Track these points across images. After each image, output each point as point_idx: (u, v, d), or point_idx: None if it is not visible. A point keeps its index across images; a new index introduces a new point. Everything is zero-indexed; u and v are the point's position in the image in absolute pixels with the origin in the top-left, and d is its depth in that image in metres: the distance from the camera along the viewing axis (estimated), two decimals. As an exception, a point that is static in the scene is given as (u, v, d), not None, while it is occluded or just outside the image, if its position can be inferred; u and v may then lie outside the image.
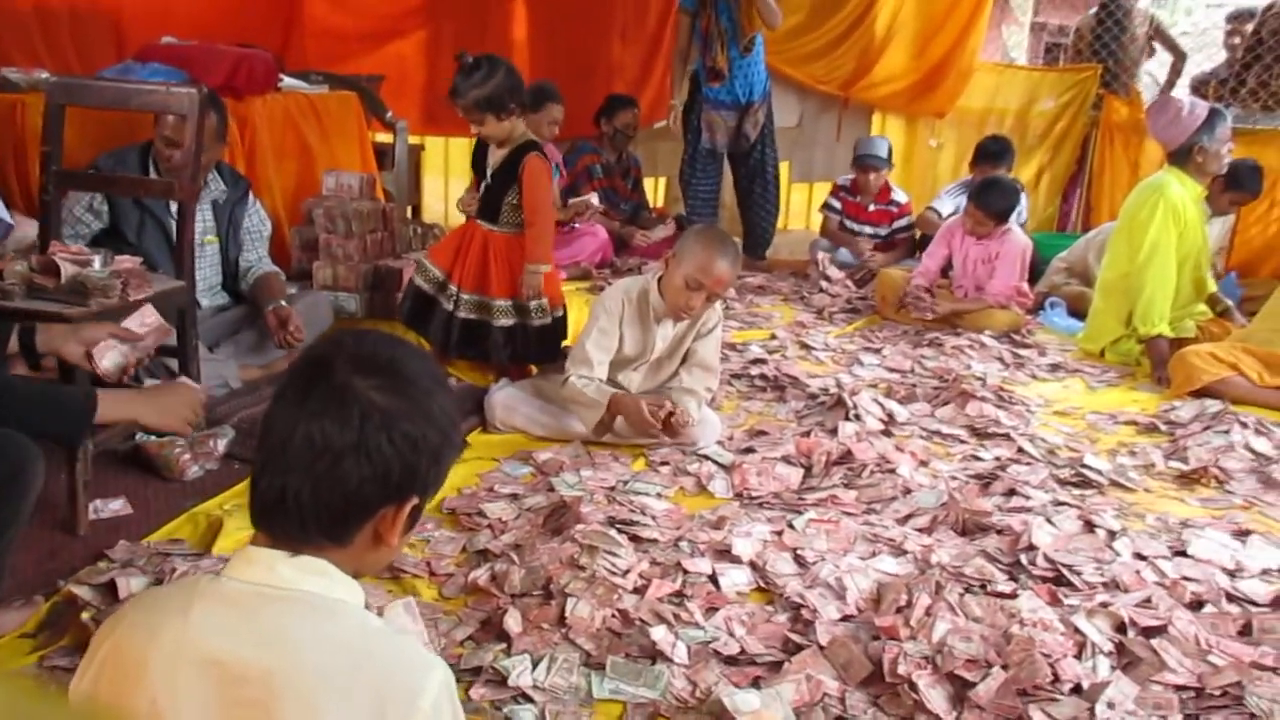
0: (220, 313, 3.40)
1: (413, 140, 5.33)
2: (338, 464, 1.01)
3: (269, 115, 4.00)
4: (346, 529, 1.05)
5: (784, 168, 6.02)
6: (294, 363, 1.13)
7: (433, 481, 1.10)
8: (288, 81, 4.27)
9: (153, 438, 2.58)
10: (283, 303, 3.30)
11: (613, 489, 2.65)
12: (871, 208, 5.57)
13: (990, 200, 4.51)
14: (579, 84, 5.41)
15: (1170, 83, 6.45)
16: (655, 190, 6.55)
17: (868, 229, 5.57)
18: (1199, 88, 5.99)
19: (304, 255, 3.93)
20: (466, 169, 6.18)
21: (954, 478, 2.84)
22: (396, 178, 4.74)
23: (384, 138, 4.89)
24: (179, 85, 2.98)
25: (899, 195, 5.59)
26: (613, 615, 2.02)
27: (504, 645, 1.93)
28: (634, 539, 2.32)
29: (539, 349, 3.30)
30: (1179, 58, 6.47)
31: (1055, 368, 4.10)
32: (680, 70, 5.47)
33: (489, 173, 3.21)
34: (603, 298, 3.12)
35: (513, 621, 1.97)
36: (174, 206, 2.99)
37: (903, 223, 5.58)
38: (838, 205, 5.66)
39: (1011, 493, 2.73)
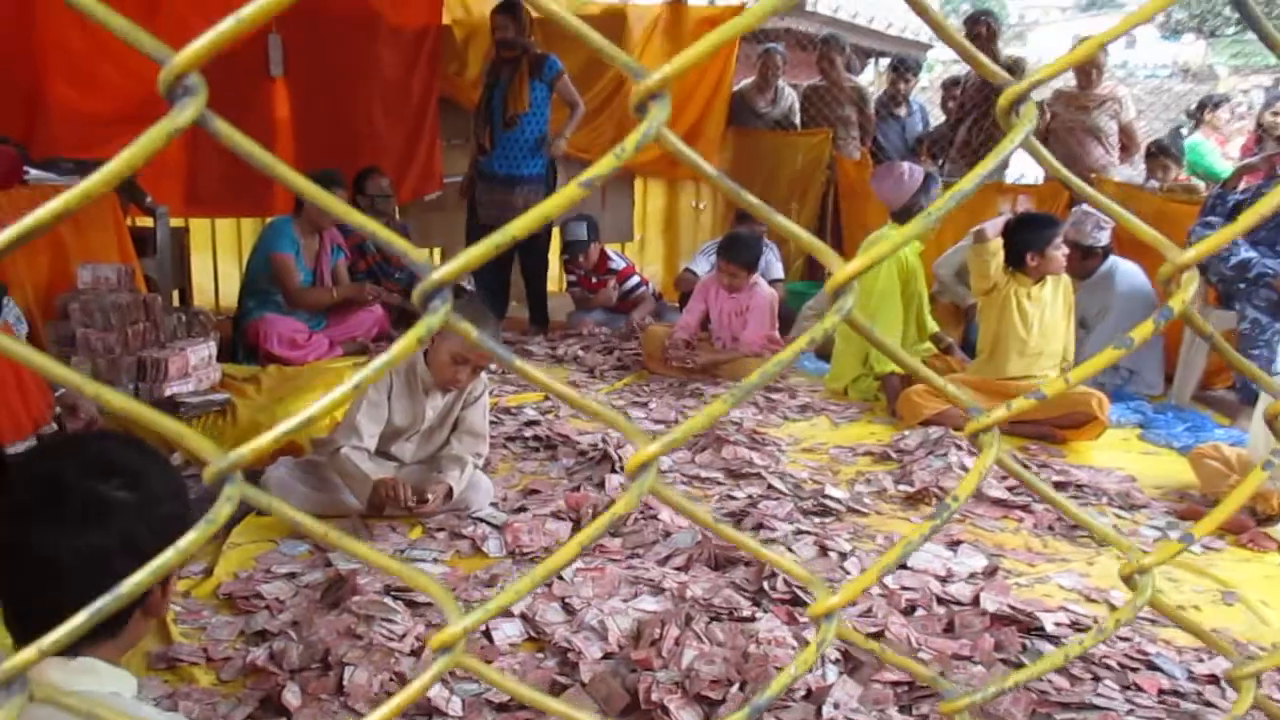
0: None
1: (176, 223, 5.25)
2: (111, 568, 1.05)
3: (15, 211, 3.88)
4: (123, 621, 1.12)
5: (555, 234, 6.29)
6: (18, 479, 1.15)
7: None
8: (35, 174, 4.16)
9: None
10: None
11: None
12: (594, 279, 6.04)
13: (735, 253, 4.92)
14: (345, 161, 5.49)
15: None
16: (430, 260, 6.67)
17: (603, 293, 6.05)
18: (914, 147, 6.67)
19: (60, 351, 3.84)
20: (234, 247, 6.14)
21: (710, 518, 3.11)
22: (159, 265, 4.69)
23: (145, 221, 4.82)
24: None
25: (616, 262, 6.08)
26: (390, 679, 2.14)
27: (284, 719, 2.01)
28: (410, 604, 2.44)
29: None
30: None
31: (804, 408, 4.49)
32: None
33: None
34: None
35: (291, 696, 2.05)
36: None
37: (632, 281, 6.09)
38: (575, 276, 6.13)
39: (760, 526, 3.01)
